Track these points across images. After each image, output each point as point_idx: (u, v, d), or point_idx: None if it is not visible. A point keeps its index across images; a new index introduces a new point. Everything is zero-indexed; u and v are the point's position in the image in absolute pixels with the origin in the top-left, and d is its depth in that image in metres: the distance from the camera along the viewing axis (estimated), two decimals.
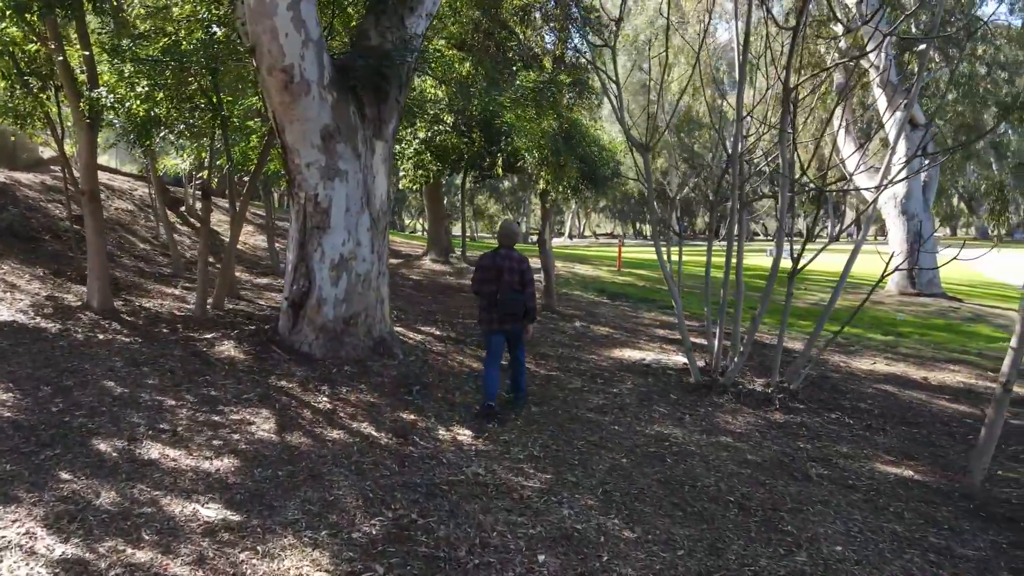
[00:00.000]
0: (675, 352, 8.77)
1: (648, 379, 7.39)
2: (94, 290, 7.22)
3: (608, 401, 6.49)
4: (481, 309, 6.02)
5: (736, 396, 6.88)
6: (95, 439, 4.37)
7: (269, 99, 6.25)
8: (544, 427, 5.63)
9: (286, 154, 6.45)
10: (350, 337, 6.58)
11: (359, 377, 6.21)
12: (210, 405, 5.16)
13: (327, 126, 6.29)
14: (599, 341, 9.23)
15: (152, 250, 11.78)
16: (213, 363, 6.08)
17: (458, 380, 6.61)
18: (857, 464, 5.37)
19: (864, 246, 7.26)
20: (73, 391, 5.10)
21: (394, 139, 7.04)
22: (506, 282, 5.84)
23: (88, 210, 7.10)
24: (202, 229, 7.58)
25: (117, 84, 6.62)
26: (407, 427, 5.26)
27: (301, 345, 6.50)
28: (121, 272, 9.58)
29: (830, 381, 7.80)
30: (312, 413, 5.29)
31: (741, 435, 5.85)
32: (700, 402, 6.70)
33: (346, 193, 6.48)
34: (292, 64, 5.95)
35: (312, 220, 6.46)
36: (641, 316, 11.60)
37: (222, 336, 6.81)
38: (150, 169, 11.68)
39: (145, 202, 14.88)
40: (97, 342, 6.31)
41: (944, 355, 9.90)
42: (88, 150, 7.01)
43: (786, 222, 6.89)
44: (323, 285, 6.49)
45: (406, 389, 6.11)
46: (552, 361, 7.84)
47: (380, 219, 6.80)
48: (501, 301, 5.83)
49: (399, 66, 6.50)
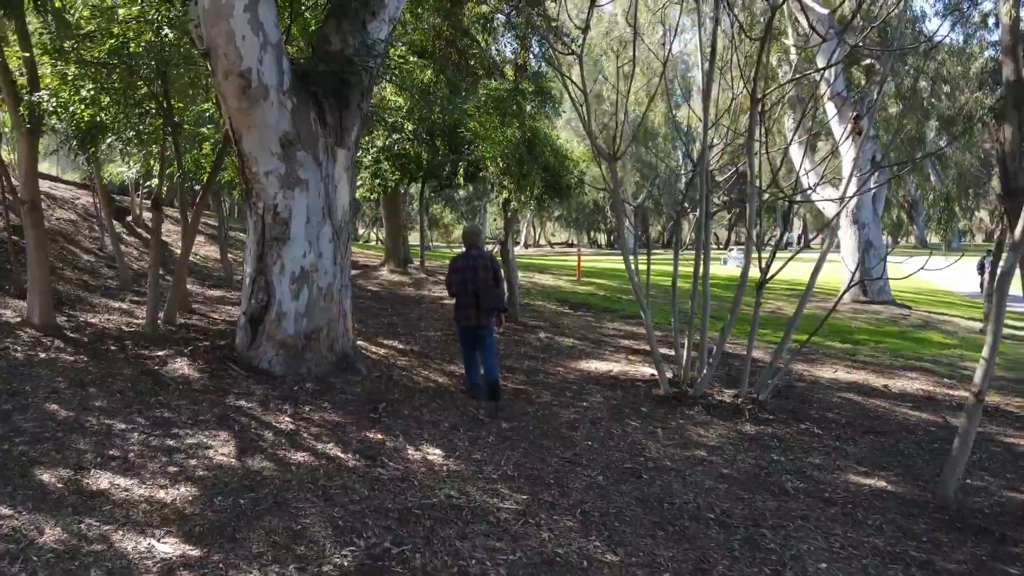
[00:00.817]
0: (641, 363, 8.71)
1: (617, 392, 7.29)
2: (35, 305, 6.80)
3: (579, 415, 6.36)
4: (459, 307, 6.55)
5: (706, 408, 6.82)
6: (38, 468, 4.04)
7: (225, 105, 5.98)
8: (516, 444, 5.47)
9: (243, 162, 6.18)
10: (312, 353, 6.32)
11: (322, 395, 5.95)
12: (164, 428, 4.86)
13: (287, 133, 6.04)
14: (565, 353, 9.11)
15: (97, 262, 11.25)
16: (166, 382, 5.75)
17: (425, 397, 6.40)
18: (831, 476, 5.35)
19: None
20: (12, 416, 4.74)
21: (356, 147, 6.82)
22: (482, 279, 6.43)
23: (29, 221, 6.69)
24: (153, 241, 7.22)
25: (60, 87, 6.25)
26: (375, 448, 5.03)
27: (260, 362, 6.21)
28: (64, 285, 9.10)
29: (796, 391, 7.83)
30: (274, 434, 5.02)
31: (714, 448, 5.78)
32: (671, 415, 6.62)
33: (307, 203, 6.24)
34: (250, 68, 5.69)
35: (271, 231, 6.19)
36: (604, 326, 11.54)
37: (175, 353, 6.47)
38: (95, 177, 11.16)
39: (89, 211, 14.28)
40: (39, 361, 5.92)
41: (901, 362, 10.07)
42: (28, 157, 6.61)
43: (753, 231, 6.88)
44: (283, 299, 6.22)
45: (372, 407, 5.88)
46: (519, 374, 7.69)
47: (342, 230, 6.56)
48: (483, 298, 6.41)
49: (362, 72, 6.30)
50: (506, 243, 10.59)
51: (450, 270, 6.59)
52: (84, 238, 12.55)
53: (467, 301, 6.46)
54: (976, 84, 16.32)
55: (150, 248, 7.65)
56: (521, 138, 9.23)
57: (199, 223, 8.42)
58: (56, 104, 6.19)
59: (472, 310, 6.45)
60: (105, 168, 12.01)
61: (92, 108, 6.44)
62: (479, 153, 8.60)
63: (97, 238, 12.68)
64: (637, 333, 10.93)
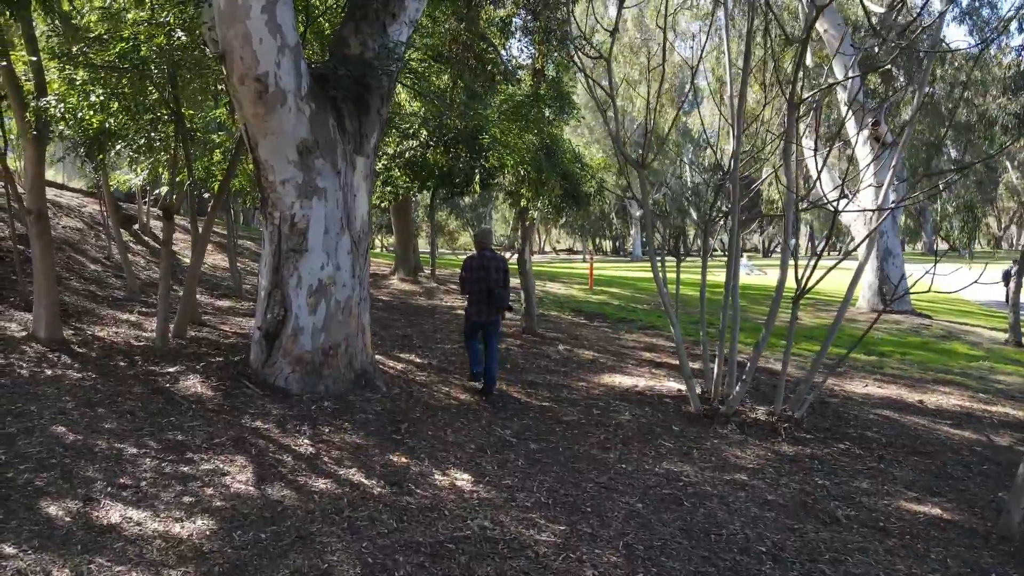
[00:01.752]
0: (666, 377, 8.41)
1: (646, 409, 7.00)
2: (41, 318, 6.54)
3: (610, 435, 6.07)
4: (471, 304, 7.00)
5: (740, 426, 6.53)
6: (44, 500, 3.76)
7: (241, 110, 5.72)
8: (548, 468, 5.17)
9: (259, 170, 5.91)
10: (330, 370, 6.04)
11: (341, 414, 5.67)
12: (177, 453, 4.57)
13: (304, 140, 5.78)
14: (586, 366, 8.82)
15: (104, 271, 11.00)
16: (178, 402, 5.47)
17: (447, 415, 6.11)
18: (882, 502, 5.04)
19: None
20: (17, 440, 4.46)
21: (375, 154, 6.55)
22: (494, 279, 6.89)
23: (35, 231, 6.44)
24: (163, 251, 6.95)
25: (68, 92, 6.00)
26: (400, 473, 4.75)
27: (276, 379, 5.93)
28: (71, 296, 8.84)
29: (830, 407, 7.52)
30: (293, 459, 4.73)
31: (754, 471, 5.48)
32: (704, 434, 6.32)
33: (325, 213, 5.97)
34: (267, 72, 5.43)
35: (288, 242, 5.92)
36: (623, 338, 11.24)
37: (187, 370, 6.20)
38: (102, 185, 10.91)
39: (95, 220, 14.05)
40: (45, 379, 5.65)
41: (931, 376, 9.76)
42: (35, 165, 6.35)
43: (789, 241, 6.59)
44: (300, 313, 5.94)
45: (394, 427, 5.60)
46: (543, 390, 7.40)
47: (361, 241, 6.29)
48: (497, 296, 6.85)
49: (382, 76, 6.04)
50: (523, 252, 10.31)
51: (464, 269, 7.02)
52: (91, 247, 12.31)
53: (480, 299, 6.90)
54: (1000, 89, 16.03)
55: (160, 259, 7.38)
56: (539, 145, 8.97)
57: (210, 233, 8.16)
58: (64, 110, 5.93)
59: (484, 307, 6.90)
60: (112, 176, 11.77)
61: (101, 114, 6.19)
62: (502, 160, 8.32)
63: (104, 247, 12.44)
64: (658, 345, 10.64)
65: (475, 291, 6.88)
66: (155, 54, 5.87)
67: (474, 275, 6.89)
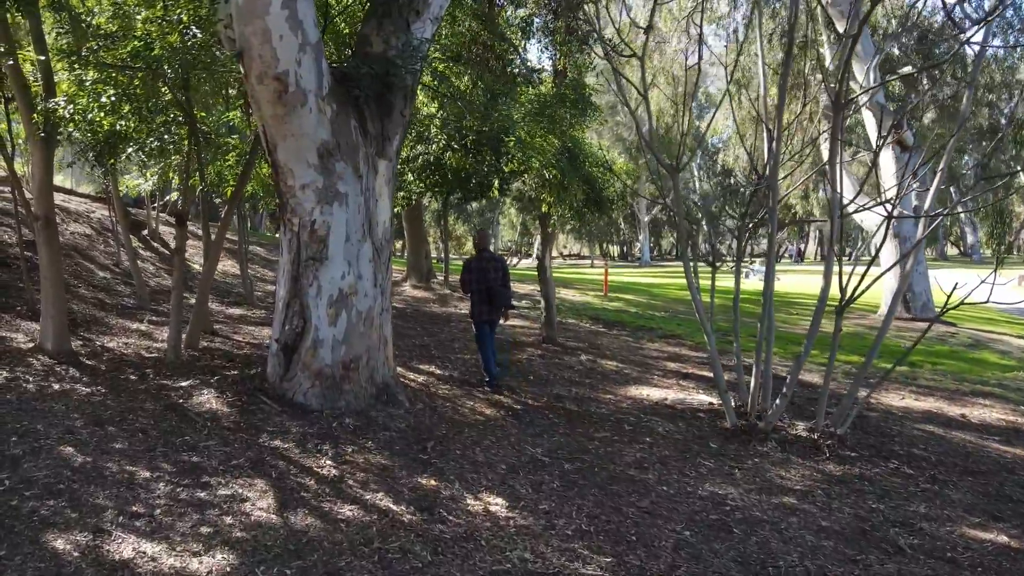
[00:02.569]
0: (695, 390, 8.09)
1: (679, 424, 6.67)
2: (48, 329, 6.26)
3: (645, 454, 5.74)
4: (474, 304, 7.30)
5: (780, 444, 6.20)
6: (51, 532, 3.46)
7: (259, 111, 5.43)
8: (585, 490, 4.85)
9: (277, 175, 5.63)
10: (350, 384, 5.73)
11: (364, 432, 5.37)
12: (193, 476, 4.27)
13: (325, 142, 5.49)
14: (611, 378, 8.49)
15: (113, 279, 10.75)
16: (192, 419, 5.17)
17: (475, 432, 5.80)
18: (944, 529, 4.70)
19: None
20: (23, 463, 4.17)
21: (398, 158, 6.26)
22: (493, 279, 7.22)
23: (42, 237, 6.16)
24: (176, 260, 6.66)
25: (77, 94, 5.73)
26: (430, 497, 4.44)
27: (295, 394, 5.64)
28: (79, 304, 8.57)
29: (870, 422, 7.17)
30: (316, 482, 4.43)
31: (803, 494, 5.15)
32: (744, 451, 5.99)
33: (346, 219, 5.67)
34: (287, 71, 5.15)
35: (307, 250, 5.63)
36: (645, 347, 10.91)
37: (201, 384, 5.91)
38: (111, 190, 10.66)
39: (104, 225, 13.82)
40: (52, 394, 5.36)
41: (967, 387, 9.39)
42: (43, 169, 6.08)
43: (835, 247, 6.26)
44: (320, 325, 5.65)
45: (419, 446, 5.29)
46: (570, 404, 7.08)
47: (383, 248, 6.00)
48: (498, 296, 7.19)
49: (407, 75, 5.75)
50: (543, 259, 10.00)
51: (465, 270, 7.35)
52: (99, 253, 12.07)
53: (481, 298, 7.22)
54: None
55: (173, 268, 7.09)
56: (561, 148, 8.67)
57: (224, 240, 7.88)
58: (73, 111, 5.65)
59: (485, 307, 7.23)
60: (120, 180, 11.52)
61: (112, 116, 5.91)
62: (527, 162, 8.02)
63: (113, 253, 12.19)
64: (682, 355, 10.31)
65: (476, 291, 7.23)
66: (168, 53, 5.59)
67: (474, 276, 7.24)
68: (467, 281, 7.31)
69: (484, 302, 7.22)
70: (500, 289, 7.22)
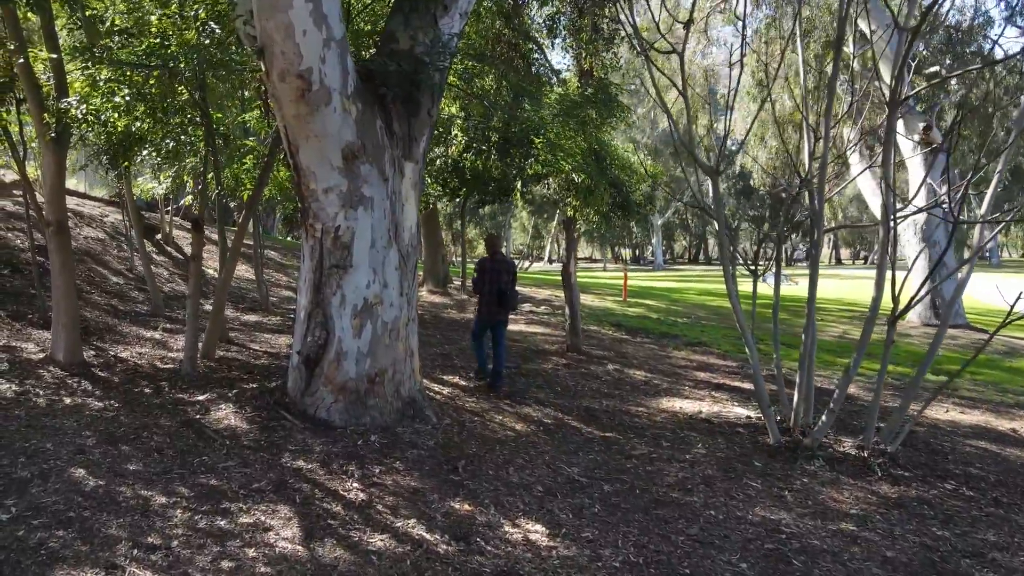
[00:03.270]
0: (730, 402, 7.74)
1: (718, 440, 6.33)
2: (60, 339, 6.01)
3: (687, 473, 5.41)
4: (482, 304, 7.49)
5: (828, 462, 5.85)
6: (60, 568, 3.17)
7: (280, 111, 5.15)
8: (629, 515, 4.53)
9: (299, 178, 5.34)
10: (375, 398, 5.44)
11: (390, 450, 5.06)
12: (212, 502, 3.98)
13: (350, 144, 5.20)
14: (641, 389, 8.16)
15: (126, 284, 10.52)
16: (210, 437, 4.88)
17: (507, 450, 5.49)
18: (1017, 559, 4.34)
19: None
20: (31, 487, 3.89)
21: (424, 160, 5.96)
22: (504, 281, 7.39)
23: (55, 243, 5.91)
24: (193, 267, 6.39)
25: (90, 93, 5.46)
26: (465, 524, 4.12)
27: (317, 410, 5.34)
28: (91, 312, 8.33)
29: (918, 437, 6.81)
30: (344, 508, 4.12)
31: (861, 519, 4.80)
32: (790, 471, 5.65)
33: (371, 224, 5.38)
34: (311, 68, 4.86)
35: (331, 257, 5.34)
36: (672, 355, 10.56)
37: (218, 398, 5.63)
38: (125, 193, 10.43)
39: (117, 229, 13.61)
40: (63, 409, 5.09)
41: (1011, 399, 9.00)
42: (54, 172, 5.83)
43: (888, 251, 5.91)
44: (343, 336, 5.35)
45: (450, 465, 4.98)
46: (601, 416, 6.75)
47: (410, 255, 5.70)
48: (508, 297, 7.38)
49: (435, 73, 5.45)
50: (568, 265, 9.68)
51: (478, 271, 7.54)
52: (112, 258, 11.85)
53: (490, 299, 7.38)
54: None
55: (189, 275, 6.82)
56: (587, 149, 8.36)
57: (241, 245, 7.62)
58: (86, 111, 5.39)
59: (494, 307, 7.39)
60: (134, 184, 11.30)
61: (127, 117, 5.65)
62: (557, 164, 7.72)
63: (126, 257, 11.97)
64: (711, 364, 9.96)
65: (486, 292, 7.41)
66: (185, 51, 5.31)
67: (486, 277, 7.41)
68: (480, 283, 7.50)
69: (494, 303, 7.40)
70: (511, 291, 7.45)
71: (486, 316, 7.46)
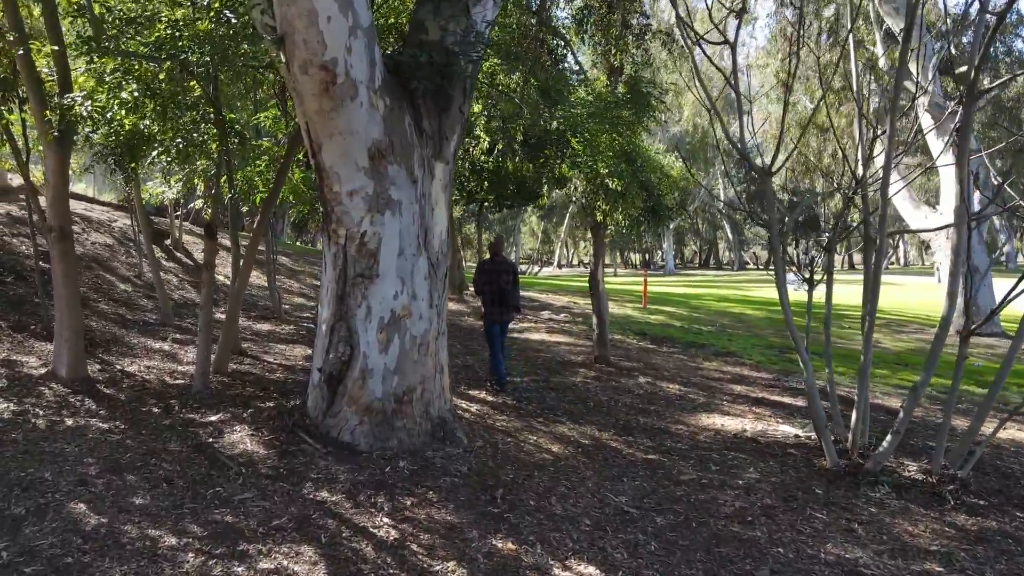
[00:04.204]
0: (773, 418, 7.26)
1: (770, 462, 5.85)
2: (62, 353, 5.59)
3: (745, 502, 4.93)
4: (485, 304, 7.62)
5: (895, 489, 5.36)
6: None
7: (301, 106, 4.72)
8: (689, 553, 4.06)
9: (322, 179, 4.91)
10: (404, 420, 4.99)
11: (422, 478, 4.61)
12: (228, 543, 3.53)
13: (377, 142, 4.76)
14: (677, 404, 7.69)
15: (135, 292, 10.12)
16: (224, 463, 4.44)
17: (546, 476, 5.03)
18: None
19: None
20: (25, 526, 3.46)
21: (455, 160, 5.52)
22: (505, 281, 7.52)
23: (57, 251, 5.50)
24: (205, 276, 5.96)
25: (96, 89, 5.05)
26: (510, 567, 3.66)
27: (340, 432, 4.90)
28: (98, 321, 7.93)
29: (984, 460, 6.30)
30: (374, 548, 3.67)
31: (944, 557, 4.32)
32: (855, 499, 5.16)
33: (399, 229, 4.94)
34: (335, 59, 4.43)
35: (355, 266, 4.90)
36: (703, 366, 10.08)
37: (232, 418, 5.19)
38: (133, 197, 10.04)
39: (126, 235, 13.24)
40: (64, 431, 4.67)
41: None
42: (58, 174, 5.42)
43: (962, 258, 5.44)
44: (369, 351, 4.91)
45: (487, 495, 4.52)
46: (641, 437, 6.28)
47: (440, 264, 5.25)
48: (507, 297, 7.48)
49: (467, 65, 5.01)
50: (596, 272, 9.23)
51: (478, 272, 7.69)
52: (120, 264, 11.46)
53: (493, 300, 7.51)
54: None
55: (201, 285, 6.39)
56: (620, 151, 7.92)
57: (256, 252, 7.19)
58: (91, 108, 4.97)
59: (497, 307, 7.51)
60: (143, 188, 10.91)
61: (135, 114, 5.23)
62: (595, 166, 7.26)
63: (135, 264, 11.59)
64: (746, 376, 9.48)
65: (488, 292, 7.52)
66: (197, 43, 4.89)
67: (487, 278, 7.53)
68: (480, 283, 7.59)
69: (496, 303, 7.49)
70: (511, 290, 7.51)
71: (489, 317, 7.58)
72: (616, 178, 7.16)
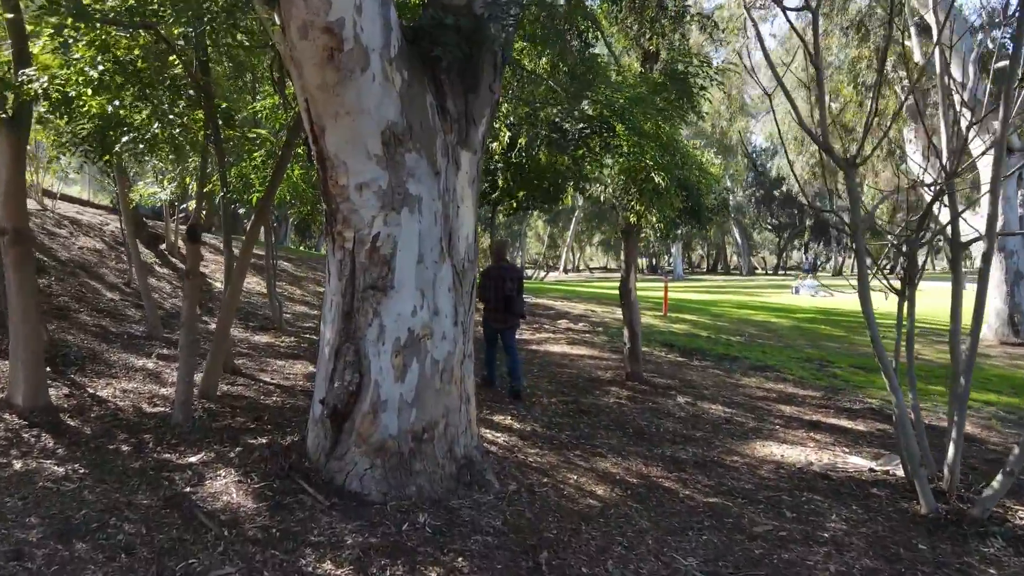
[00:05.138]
0: (836, 446, 6.38)
1: (853, 507, 4.96)
2: (18, 377, 4.74)
3: (840, 564, 4.04)
4: (487, 311, 7.52)
5: (1009, 541, 4.48)
6: None
7: (301, 79, 3.85)
8: None
9: (325, 170, 4.04)
10: (423, 462, 4.11)
11: (447, 537, 3.73)
12: None
13: (392, 124, 3.90)
14: (724, 429, 6.80)
15: (122, 300, 9.27)
16: (202, 524, 3.57)
17: (595, 528, 4.15)
18: None
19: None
20: None
21: (484, 149, 4.65)
22: (509, 287, 7.34)
23: (11, 257, 4.64)
24: (187, 287, 5.09)
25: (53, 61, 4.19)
26: None
27: (347, 478, 4.02)
28: (76, 335, 7.08)
29: None
30: None
31: None
32: (966, 555, 4.27)
33: (418, 231, 4.07)
34: (342, 20, 3.57)
35: (366, 276, 4.03)
36: (743, 383, 9.19)
37: (216, 459, 4.32)
38: (119, 196, 9.20)
39: (117, 239, 12.40)
40: (9, 478, 3.81)
41: None
42: (11, 165, 4.56)
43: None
44: (381, 380, 4.03)
45: (528, 559, 3.64)
46: (695, 473, 5.40)
47: (466, 273, 4.39)
48: (511, 304, 7.35)
49: (500, 32, 4.15)
50: (628, 280, 8.35)
51: (483, 278, 7.35)
52: (109, 270, 10.62)
53: (496, 306, 7.39)
54: None
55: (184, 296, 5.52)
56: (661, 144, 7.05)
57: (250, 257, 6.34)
58: (47, 86, 4.11)
59: (500, 314, 7.40)
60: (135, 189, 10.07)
61: (104, 94, 4.37)
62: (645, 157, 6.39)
63: (124, 270, 10.74)
64: (791, 394, 8.58)
65: (491, 299, 7.38)
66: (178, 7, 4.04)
67: (492, 283, 7.37)
68: (485, 288, 7.39)
69: (501, 310, 7.38)
70: (515, 296, 7.37)
71: (492, 323, 7.48)
72: (664, 171, 6.29)
